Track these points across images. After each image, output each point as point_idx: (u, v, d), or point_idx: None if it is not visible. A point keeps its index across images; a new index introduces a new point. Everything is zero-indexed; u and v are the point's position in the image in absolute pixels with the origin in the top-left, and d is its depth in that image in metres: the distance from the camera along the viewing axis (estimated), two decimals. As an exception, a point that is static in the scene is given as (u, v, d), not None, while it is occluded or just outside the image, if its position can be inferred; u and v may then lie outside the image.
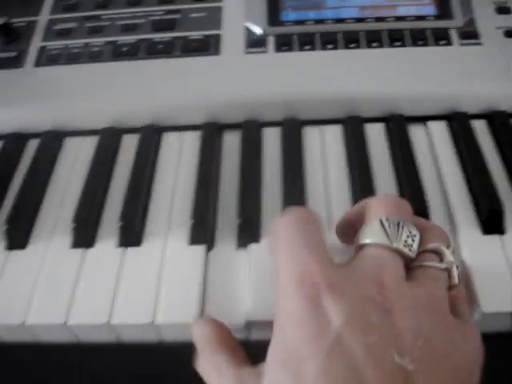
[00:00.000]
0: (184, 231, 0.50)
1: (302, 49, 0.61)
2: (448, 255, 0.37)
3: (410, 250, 0.36)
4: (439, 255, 0.37)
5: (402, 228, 0.36)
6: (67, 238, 0.51)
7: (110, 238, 0.50)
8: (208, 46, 0.62)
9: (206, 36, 0.63)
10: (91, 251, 0.49)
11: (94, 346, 0.47)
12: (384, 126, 0.58)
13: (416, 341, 0.31)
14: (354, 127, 0.57)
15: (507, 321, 0.43)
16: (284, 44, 0.61)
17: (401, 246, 0.36)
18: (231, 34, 0.63)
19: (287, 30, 0.62)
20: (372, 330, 0.31)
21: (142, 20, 0.65)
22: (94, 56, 0.63)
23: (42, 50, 0.65)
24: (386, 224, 0.36)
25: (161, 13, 0.66)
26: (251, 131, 0.57)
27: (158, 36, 0.63)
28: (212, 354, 0.38)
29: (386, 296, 0.33)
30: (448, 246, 0.38)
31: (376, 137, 0.57)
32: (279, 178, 0.53)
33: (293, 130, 0.56)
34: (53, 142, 0.59)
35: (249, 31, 0.63)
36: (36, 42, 0.66)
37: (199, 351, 0.39)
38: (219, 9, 0.65)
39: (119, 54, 0.62)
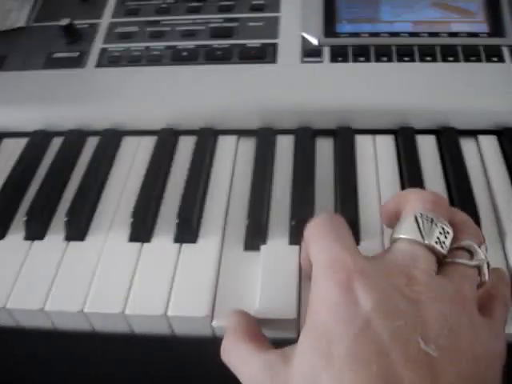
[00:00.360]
0: (240, 232, 0.51)
1: (356, 60, 0.62)
2: (479, 253, 0.37)
3: (442, 246, 0.37)
4: (471, 253, 0.38)
5: (436, 225, 0.37)
6: (125, 232, 0.52)
7: (166, 233, 0.52)
8: (265, 54, 0.63)
9: (263, 44, 0.64)
10: (148, 246, 0.51)
11: (149, 338, 0.48)
12: (436, 138, 0.58)
13: (442, 330, 0.32)
14: (406, 138, 0.57)
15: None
16: (339, 55, 0.62)
17: (433, 243, 0.37)
18: (288, 44, 0.64)
19: (342, 41, 0.64)
20: (399, 315, 0.32)
21: (202, 27, 0.67)
22: (154, 59, 0.65)
23: (103, 51, 0.67)
24: (420, 220, 0.37)
25: (220, 20, 0.67)
26: (304, 138, 0.58)
27: (216, 42, 0.65)
28: (238, 344, 0.39)
29: (413, 288, 0.34)
30: (480, 244, 0.39)
31: (427, 148, 0.57)
32: (332, 184, 0.54)
33: (346, 139, 0.58)
34: (111, 140, 0.61)
35: (305, 41, 0.64)
36: (97, 44, 0.68)
37: (224, 340, 0.40)
38: (276, 18, 0.67)
39: (179, 58, 0.64)
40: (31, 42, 0.70)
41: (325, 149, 0.59)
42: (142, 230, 0.52)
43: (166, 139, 0.60)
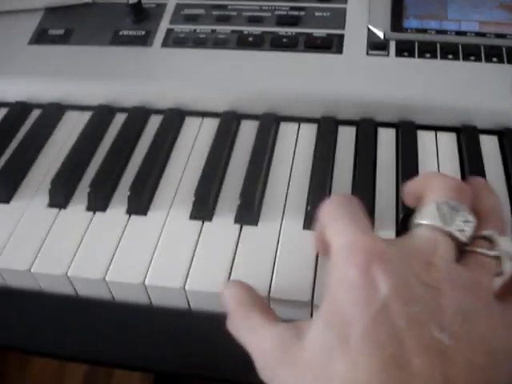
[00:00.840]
0: (300, 216, 0.51)
1: (422, 56, 0.62)
2: (501, 243, 0.37)
3: (463, 234, 0.36)
4: (492, 242, 0.37)
5: (458, 212, 0.37)
6: (186, 210, 0.53)
7: (228, 214, 0.52)
8: (331, 44, 0.63)
9: (329, 35, 0.64)
10: (209, 225, 0.52)
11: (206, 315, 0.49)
12: (497, 138, 0.58)
13: (456, 318, 0.32)
14: (469, 137, 0.57)
15: None
16: (405, 50, 0.62)
17: (453, 230, 0.36)
18: (354, 35, 0.64)
19: (409, 36, 0.64)
20: (416, 301, 0.32)
21: (268, 13, 0.67)
22: (220, 43, 0.65)
23: (170, 32, 0.67)
24: (442, 207, 0.37)
25: (286, 8, 0.68)
26: (367, 129, 0.58)
27: (282, 30, 0.65)
28: (246, 316, 0.39)
29: (431, 274, 0.34)
30: (503, 235, 0.38)
31: (490, 148, 0.57)
32: (393, 178, 0.55)
33: (409, 134, 0.58)
34: (175, 119, 0.62)
35: (371, 34, 0.64)
36: (164, 24, 0.69)
37: (231, 313, 0.40)
38: (343, 10, 0.67)
39: (244, 43, 0.65)
40: (98, 18, 0.71)
41: (387, 140, 0.59)
42: (204, 209, 0.52)
43: (229, 122, 0.60)
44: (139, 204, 0.53)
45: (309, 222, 0.50)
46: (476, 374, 0.31)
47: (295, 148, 0.58)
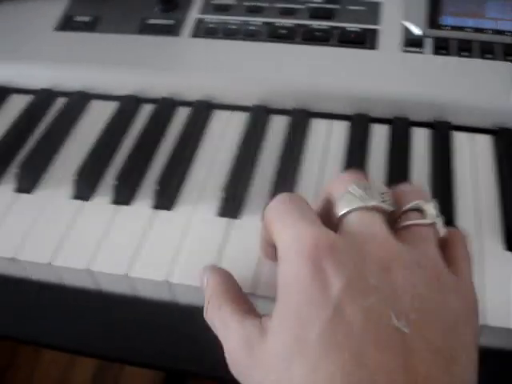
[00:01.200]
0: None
1: (459, 54, 0.60)
2: (430, 209, 0.37)
3: (387, 204, 0.36)
4: (421, 212, 0.37)
5: (371, 189, 0.37)
6: (213, 206, 0.51)
7: (256, 212, 0.51)
8: (365, 40, 0.62)
9: (364, 29, 0.63)
10: (237, 222, 0.50)
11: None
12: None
13: (412, 302, 0.31)
14: (504, 139, 0.56)
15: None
16: (442, 47, 0.60)
17: (377, 203, 0.36)
18: (389, 31, 0.62)
19: (446, 34, 0.62)
20: (370, 292, 0.31)
21: (301, 6, 0.66)
22: (250, 34, 0.64)
23: (199, 22, 0.66)
24: (354, 191, 0.37)
25: (320, 1, 0.66)
26: (400, 128, 0.57)
27: (315, 23, 0.64)
28: (218, 305, 0.38)
29: (381, 258, 0.33)
30: (428, 202, 0.38)
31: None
32: (426, 179, 0.53)
33: (444, 135, 0.56)
34: (202, 112, 0.60)
35: (407, 30, 0.62)
36: (193, 14, 0.67)
37: (206, 302, 0.39)
38: (378, 4, 0.65)
39: (275, 35, 0.63)
40: (125, 6, 0.69)
41: (420, 140, 0.57)
42: (231, 206, 0.51)
43: (259, 116, 0.59)
44: (165, 199, 0.52)
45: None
46: (435, 356, 0.30)
47: (326, 145, 0.57)
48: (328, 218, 0.38)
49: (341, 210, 0.37)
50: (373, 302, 0.31)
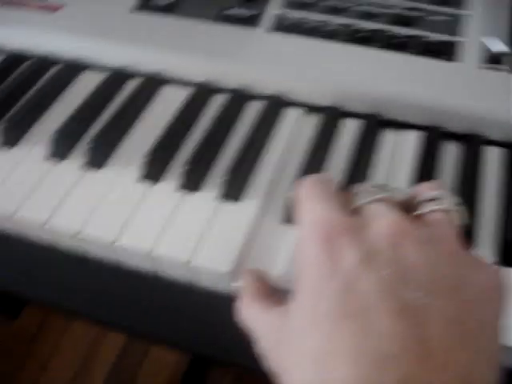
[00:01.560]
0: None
1: (540, 76, 0.59)
2: (447, 198, 0.38)
3: (401, 192, 0.38)
4: (437, 201, 0.38)
5: (384, 185, 0.38)
6: (279, 205, 0.52)
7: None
8: (444, 51, 0.61)
9: (444, 41, 0.62)
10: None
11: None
12: None
13: (427, 275, 0.32)
14: None
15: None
16: (523, 67, 0.59)
17: (389, 194, 0.37)
18: (470, 45, 0.62)
19: (527, 54, 0.61)
20: (383, 265, 0.32)
21: (382, 10, 0.65)
22: (327, 34, 0.63)
23: (278, 16, 0.66)
24: (368, 188, 0.38)
25: (402, 7, 0.65)
26: (474, 147, 0.56)
27: (395, 29, 0.63)
28: (250, 304, 0.40)
29: (396, 233, 0.34)
30: (446, 193, 0.38)
31: None
32: (496, 201, 0.52)
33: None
34: (274, 108, 0.60)
35: (487, 46, 0.61)
36: (273, 8, 0.67)
37: (239, 301, 0.41)
38: (462, 17, 0.64)
39: (353, 38, 0.63)
40: (205, -7, 0.69)
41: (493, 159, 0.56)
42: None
43: (332, 118, 0.58)
44: (233, 190, 0.52)
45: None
46: (450, 328, 0.31)
47: (396, 154, 0.56)
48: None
49: (355, 203, 0.38)
50: (386, 273, 0.32)
